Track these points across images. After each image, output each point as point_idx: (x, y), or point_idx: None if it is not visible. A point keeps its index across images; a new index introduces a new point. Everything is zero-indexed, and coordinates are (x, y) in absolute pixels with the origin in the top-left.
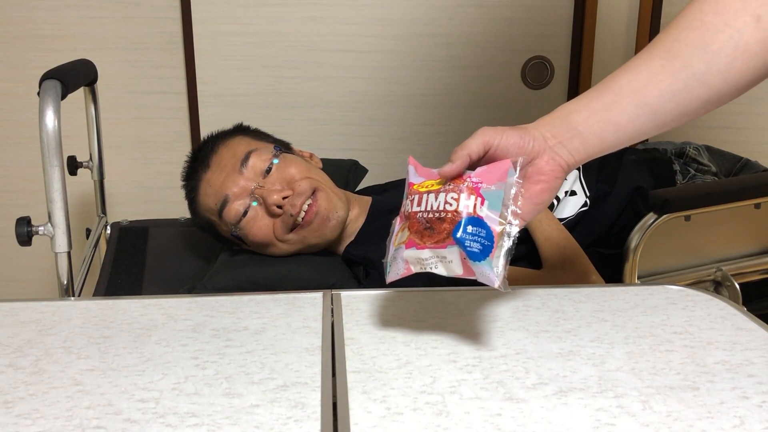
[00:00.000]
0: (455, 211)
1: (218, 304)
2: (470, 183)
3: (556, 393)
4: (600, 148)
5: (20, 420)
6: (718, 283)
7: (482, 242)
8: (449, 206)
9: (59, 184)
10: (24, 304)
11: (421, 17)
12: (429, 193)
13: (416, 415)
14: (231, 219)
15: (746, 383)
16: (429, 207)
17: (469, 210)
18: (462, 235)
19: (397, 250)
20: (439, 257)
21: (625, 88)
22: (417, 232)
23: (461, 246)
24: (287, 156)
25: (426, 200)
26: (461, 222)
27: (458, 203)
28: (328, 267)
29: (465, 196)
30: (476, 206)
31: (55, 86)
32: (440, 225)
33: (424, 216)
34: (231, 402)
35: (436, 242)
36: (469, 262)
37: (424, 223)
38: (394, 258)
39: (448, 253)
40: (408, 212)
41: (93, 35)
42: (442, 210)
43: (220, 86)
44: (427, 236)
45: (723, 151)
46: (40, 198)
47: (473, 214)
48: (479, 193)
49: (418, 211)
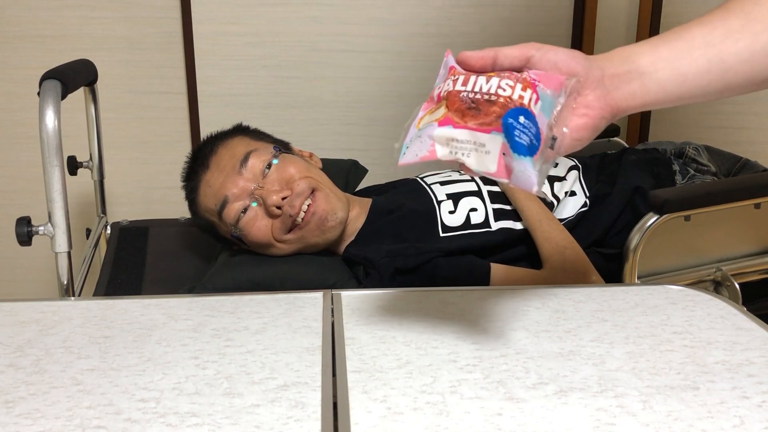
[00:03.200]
0: (509, 98)
1: (219, 304)
2: (528, 77)
3: (557, 393)
4: (660, 98)
5: (21, 420)
6: (718, 283)
7: (531, 137)
8: (502, 91)
9: (59, 184)
10: (24, 304)
11: (421, 17)
12: (479, 75)
13: (416, 414)
14: (230, 219)
15: (746, 383)
16: (478, 88)
17: (524, 101)
18: (513, 122)
19: (424, 128)
20: (476, 144)
21: (699, 40)
22: (458, 111)
23: (509, 134)
24: (286, 156)
25: (475, 81)
26: (514, 109)
27: (513, 91)
28: (328, 267)
29: (521, 87)
30: (531, 101)
31: (55, 86)
32: (489, 107)
33: (470, 96)
34: (231, 402)
35: (480, 124)
36: (510, 157)
37: (469, 102)
38: (418, 136)
39: (489, 140)
40: (447, 91)
41: (93, 35)
42: (494, 93)
43: (220, 86)
44: (470, 116)
45: (723, 151)
46: (40, 198)
47: (527, 107)
48: (536, 90)
49: (462, 90)
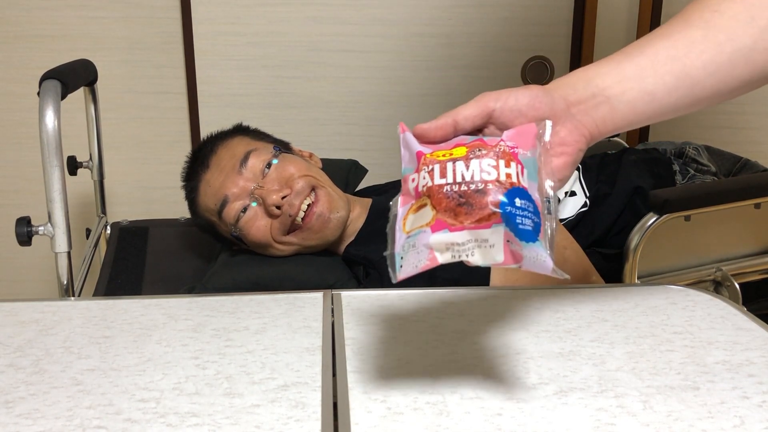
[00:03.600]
0: (497, 181)
1: (219, 304)
2: (505, 147)
3: (557, 393)
4: (630, 120)
5: (21, 420)
6: (718, 283)
7: (532, 218)
8: (487, 175)
9: (59, 184)
10: (24, 304)
11: (421, 17)
12: (454, 161)
13: (417, 414)
14: (230, 219)
15: (746, 383)
16: (460, 177)
17: (512, 179)
18: (511, 209)
19: (415, 235)
20: (478, 241)
21: (663, 55)
22: (448, 210)
23: (510, 223)
24: (286, 156)
25: (453, 169)
26: (508, 193)
27: (498, 171)
28: (328, 267)
29: (504, 164)
30: (518, 175)
31: (55, 86)
32: (480, 199)
33: (455, 190)
34: (231, 402)
35: (477, 221)
36: (516, 244)
37: (456, 198)
38: (412, 246)
39: (490, 234)
40: (427, 186)
41: (93, 35)
42: (479, 180)
43: (220, 86)
44: (464, 214)
45: (723, 151)
46: (40, 198)
47: (517, 185)
48: (518, 159)
49: (444, 184)
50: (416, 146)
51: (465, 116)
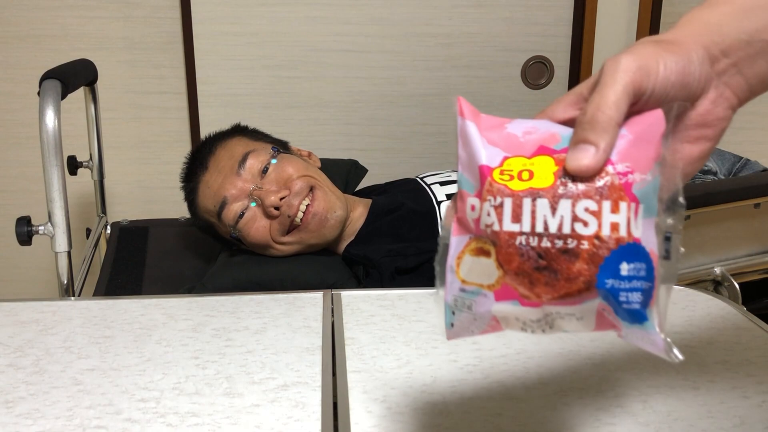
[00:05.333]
0: (596, 238)
1: (219, 304)
2: (615, 176)
3: (557, 393)
4: None
5: (21, 420)
6: (718, 283)
7: (642, 286)
8: (583, 227)
9: (59, 184)
10: (24, 303)
11: (421, 17)
12: (535, 195)
13: (417, 414)
14: (229, 221)
15: (746, 383)
16: (542, 226)
17: (620, 232)
18: (614, 283)
19: (473, 294)
20: (561, 314)
21: None
22: (521, 275)
23: (612, 301)
24: (285, 156)
25: (533, 210)
26: (612, 257)
27: (600, 220)
28: (328, 267)
29: (610, 206)
30: (630, 222)
31: (55, 86)
32: (568, 264)
33: (534, 244)
34: (231, 402)
35: (562, 297)
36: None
37: (534, 258)
38: (468, 308)
39: (580, 309)
40: (492, 229)
41: (93, 35)
42: (571, 234)
43: (220, 86)
44: (543, 284)
45: (723, 151)
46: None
47: (627, 239)
48: (631, 193)
49: (517, 233)
50: (479, 151)
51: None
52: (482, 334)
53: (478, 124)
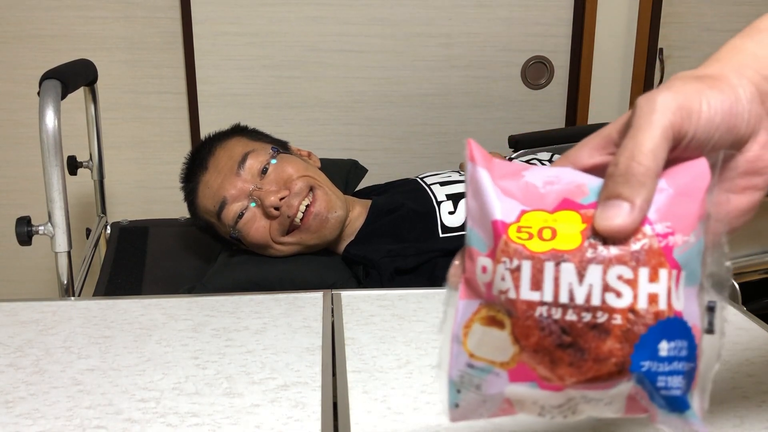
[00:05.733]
0: (632, 311)
1: (219, 304)
2: (654, 238)
3: None
4: None
5: (21, 420)
6: None
7: (683, 368)
8: (617, 299)
9: (59, 184)
10: (24, 304)
11: (421, 17)
12: (560, 259)
13: (417, 414)
14: (229, 221)
15: (746, 383)
16: (567, 297)
17: (659, 305)
18: (652, 365)
19: (483, 373)
20: (587, 399)
21: None
22: (541, 353)
23: (648, 386)
24: (285, 156)
25: (556, 277)
26: (649, 335)
27: (636, 291)
28: (328, 267)
29: (648, 274)
30: (670, 292)
31: (55, 86)
32: (598, 342)
33: (558, 318)
34: (231, 402)
35: (589, 381)
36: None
37: (558, 335)
38: (477, 387)
39: (608, 394)
40: (506, 297)
41: (93, 35)
42: (601, 307)
43: (220, 86)
44: (567, 365)
45: None
46: (40, 198)
47: (668, 313)
48: (672, 258)
49: (538, 303)
50: (493, 203)
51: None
52: (492, 417)
53: (491, 171)
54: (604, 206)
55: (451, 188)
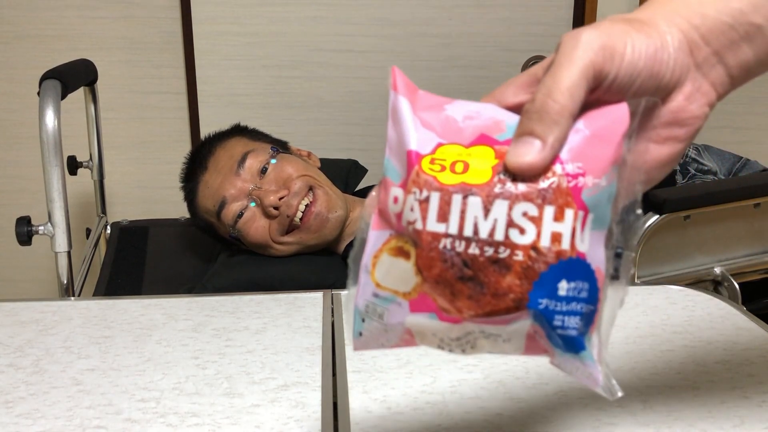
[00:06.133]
0: (534, 249)
1: (219, 304)
2: (563, 177)
3: (557, 393)
4: None
5: (21, 420)
6: (718, 283)
7: (582, 310)
8: (520, 236)
9: (59, 184)
10: (24, 304)
11: (421, 17)
12: (468, 192)
13: (417, 414)
14: (229, 221)
15: (746, 383)
16: (472, 230)
17: (562, 245)
18: (550, 303)
19: (386, 302)
20: (485, 333)
21: None
22: (442, 284)
23: (545, 324)
24: (284, 156)
25: (463, 210)
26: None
27: (539, 229)
28: (328, 267)
29: (553, 213)
30: (575, 233)
31: (55, 86)
32: (498, 277)
33: (461, 251)
34: (232, 402)
35: (487, 315)
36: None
37: (459, 267)
38: (380, 316)
39: (506, 330)
40: (414, 228)
41: (93, 35)
42: (503, 242)
43: (220, 86)
44: (466, 298)
45: (723, 151)
46: (40, 198)
47: (570, 253)
48: (580, 199)
49: (443, 234)
50: (409, 133)
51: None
52: (394, 348)
53: (414, 102)
54: (516, 143)
55: None
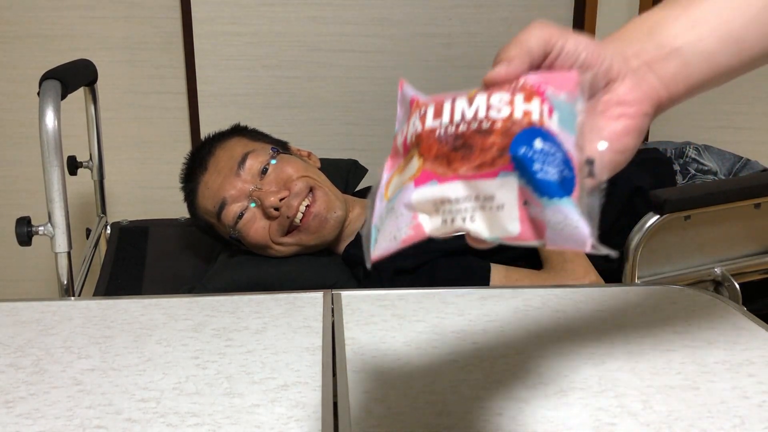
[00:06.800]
0: (510, 119)
1: (219, 304)
2: (527, 84)
3: (557, 393)
4: (708, 77)
5: (21, 420)
6: (718, 283)
7: (559, 167)
8: (497, 112)
9: (59, 184)
10: (24, 304)
11: (421, 17)
12: (454, 99)
13: (417, 414)
14: (229, 221)
15: (746, 383)
16: (459, 116)
17: (534, 117)
18: (526, 150)
19: (396, 197)
20: (480, 198)
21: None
22: (439, 158)
23: (526, 170)
24: (284, 156)
25: (452, 108)
26: (524, 132)
27: (513, 107)
28: (328, 267)
29: (522, 98)
30: (543, 115)
31: (55, 86)
32: (484, 139)
33: (452, 131)
34: (232, 402)
35: (477, 167)
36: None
37: (452, 140)
38: (390, 210)
39: (497, 187)
40: (415, 134)
41: (93, 35)
42: (485, 117)
43: (220, 86)
44: (459, 160)
45: (723, 151)
46: (40, 198)
47: (539, 125)
48: (545, 97)
49: (436, 127)
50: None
51: (533, 48)
52: (405, 244)
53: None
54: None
55: None
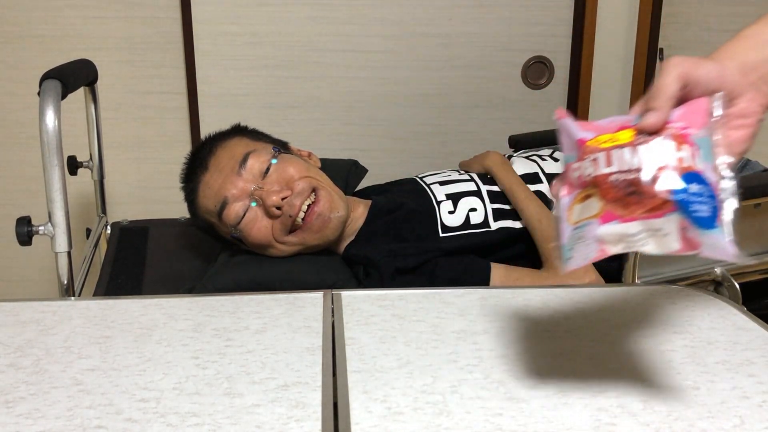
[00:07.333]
0: (668, 167)
1: (219, 304)
2: (675, 130)
3: (557, 393)
4: None
5: (21, 420)
6: (718, 283)
7: (709, 203)
8: (657, 161)
9: (59, 184)
10: (24, 304)
11: (421, 17)
12: (619, 147)
13: (417, 414)
14: (230, 221)
15: (746, 383)
16: (628, 166)
17: (685, 163)
18: (685, 197)
19: (582, 227)
20: (651, 230)
21: None
22: (617, 201)
23: (685, 211)
24: (285, 156)
25: (620, 157)
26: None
27: (669, 156)
28: (328, 267)
29: (674, 147)
30: (692, 158)
31: (55, 86)
32: (650, 187)
33: (624, 178)
34: (232, 402)
35: (649, 210)
36: (694, 231)
37: (625, 187)
38: (580, 238)
39: (664, 223)
40: (591, 176)
41: (93, 35)
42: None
43: (220, 86)
44: (635, 204)
45: None
46: (40, 198)
47: (691, 169)
48: (690, 141)
49: (611, 173)
50: (576, 132)
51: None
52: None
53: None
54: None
55: (451, 188)
